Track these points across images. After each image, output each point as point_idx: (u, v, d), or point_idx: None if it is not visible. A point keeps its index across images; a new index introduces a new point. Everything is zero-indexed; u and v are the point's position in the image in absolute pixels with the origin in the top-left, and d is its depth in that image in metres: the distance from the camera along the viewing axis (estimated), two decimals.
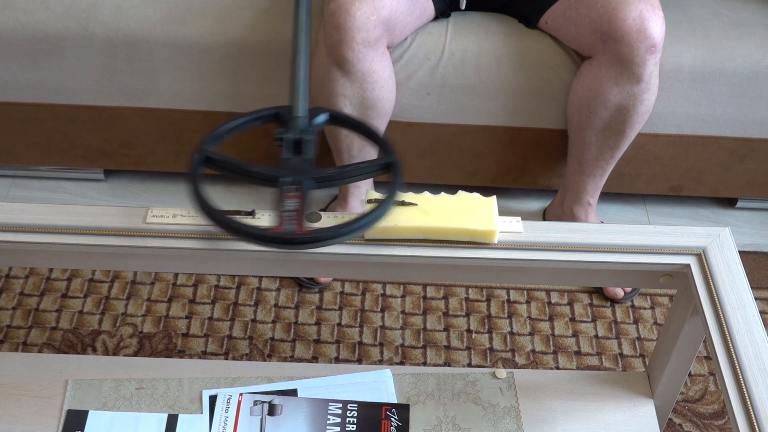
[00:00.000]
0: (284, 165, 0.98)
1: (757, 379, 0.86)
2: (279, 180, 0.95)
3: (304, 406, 1.10)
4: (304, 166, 0.97)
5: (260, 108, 1.06)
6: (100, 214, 1.00)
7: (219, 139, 1.01)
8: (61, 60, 1.51)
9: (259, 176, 0.98)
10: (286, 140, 0.99)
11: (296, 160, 0.99)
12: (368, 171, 1.00)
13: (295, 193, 0.94)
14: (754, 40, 1.47)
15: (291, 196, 0.94)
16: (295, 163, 0.98)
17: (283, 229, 0.90)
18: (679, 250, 1.00)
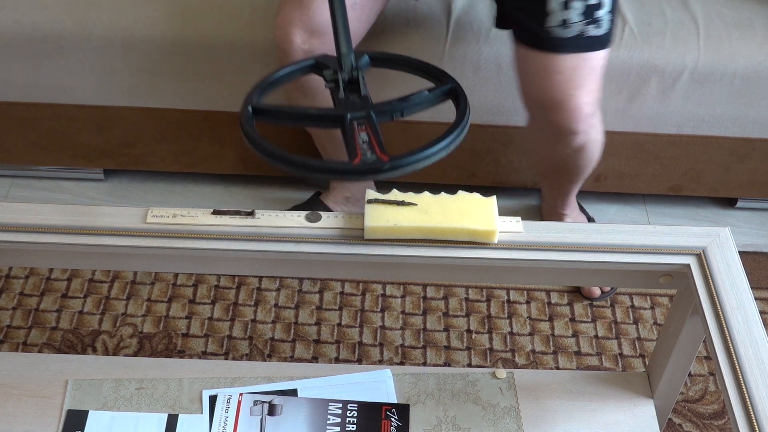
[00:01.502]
0: (344, 104, 0.94)
1: (757, 379, 0.86)
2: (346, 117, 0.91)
3: (304, 406, 1.10)
4: (365, 102, 0.94)
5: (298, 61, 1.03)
6: (100, 214, 1.00)
7: (265, 91, 0.98)
8: (60, 60, 1.51)
9: (324, 118, 0.94)
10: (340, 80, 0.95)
11: (354, 97, 0.95)
12: (431, 100, 0.96)
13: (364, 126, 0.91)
14: (756, 40, 1.47)
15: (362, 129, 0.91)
16: (354, 101, 0.95)
17: (363, 159, 0.87)
18: (679, 250, 1.00)
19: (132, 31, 1.47)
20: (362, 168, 0.86)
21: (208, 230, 0.98)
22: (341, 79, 0.96)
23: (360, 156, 0.86)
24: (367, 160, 0.87)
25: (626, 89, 1.50)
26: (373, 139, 0.89)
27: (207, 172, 1.74)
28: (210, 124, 1.62)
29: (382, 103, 0.93)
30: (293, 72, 1.01)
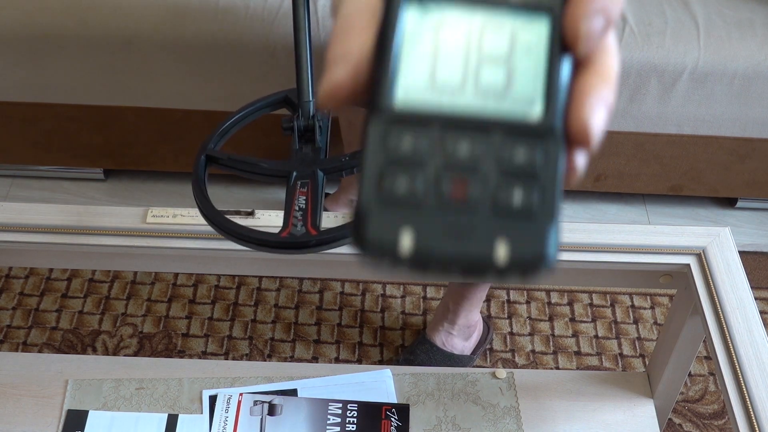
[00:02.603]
0: (294, 157, 0.94)
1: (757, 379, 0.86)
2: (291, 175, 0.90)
3: (304, 406, 1.10)
4: (315, 157, 0.94)
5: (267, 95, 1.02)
6: (100, 214, 1.00)
7: (225, 134, 0.98)
8: (60, 59, 1.51)
9: (268, 172, 0.94)
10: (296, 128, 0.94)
11: (307, 149, 0.95)
12: None
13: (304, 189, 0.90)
14: (756, 40, 1.47)
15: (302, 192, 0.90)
16: (306, 154, 0.94)
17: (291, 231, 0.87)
18: (679, 250, 1.00)
19: (132, 31, 1.47)
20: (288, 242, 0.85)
21: (208, 230, 0.98)
22: (296, 126, 0.95)
23: (290, 227, 0.86)
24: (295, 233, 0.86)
25: (626, 89, 1.50)
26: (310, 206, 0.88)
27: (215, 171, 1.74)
28: (210, 124, 1.62)
29: (332, 159, 0.91)
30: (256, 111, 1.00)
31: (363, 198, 0.32)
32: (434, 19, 0.33)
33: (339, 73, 0.32)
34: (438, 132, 0.32)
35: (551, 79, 0.32)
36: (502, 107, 0.32)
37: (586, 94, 0.32)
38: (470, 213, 0.31)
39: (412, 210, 0.32)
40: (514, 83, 0.32)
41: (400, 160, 0.32)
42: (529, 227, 0.31)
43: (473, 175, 0.32)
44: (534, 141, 0.32)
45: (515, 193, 0.31)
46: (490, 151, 0.32)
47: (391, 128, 0.32)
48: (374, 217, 0.31)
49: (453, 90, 0.32)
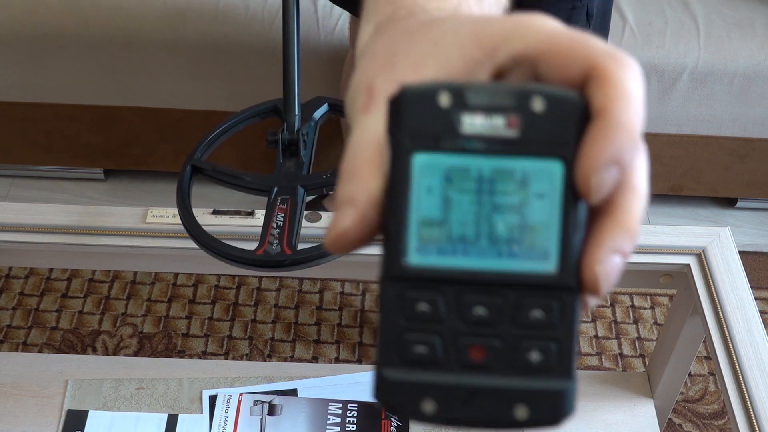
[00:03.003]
0: (277, 171, 0.94)
1: (757, 379, 0.86)
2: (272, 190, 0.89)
3: (304, 406, 1.10)
4: (297, 172, 0.93)
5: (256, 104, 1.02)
6: (100, 214, 1.00)
7: (212, 144, 0.98)
8: (60, 59, 1.51)
9: (250, 186, 0.93)
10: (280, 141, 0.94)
11: (290, 163, 0.95)
12: None
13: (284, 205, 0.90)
14: (757, 40, 1.47)
15: (281, 209, 0.90)
16: (289, 168, 0.94)
17: (267, 250, 0.86)
18: (679, 250, 1.00)
19: (132, 31, 1.47)
20: (261, 260, 0.85)
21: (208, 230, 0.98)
22: (281, 140, 0.94)
23: (266, 245, 0.86)
24: (270, 251, 0.85)
25: None
26: (287, 224, 0.88)
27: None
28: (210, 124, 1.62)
29: (314, 176, 0.91)
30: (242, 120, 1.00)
31: (381, 362, 0.32)
32: (444, 169, 0.31)
33: (346, 221, 0.32)
34: (453, 292, 0.32)
35: (565, 229, 0.31)
36: (516, 262, 0.31)
37: (599, 245, 0.31)
38: (489, 375, 0.31)
39: (432, 375, 0.31)
40: (527, 236, 0.31)
41: (417, 324, 0.32)
42: (547, 388, 0.31)
43: (491, 336, 0.31)
44: (549, 296, 0.31)
45: (532, 354, 0.31)
46: (506, 309, 0.31)
47: (407, 289, 0.32)
48: (395, 385, 0.31)
49: (467, 245, 0.31)
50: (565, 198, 0.31)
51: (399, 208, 0.31)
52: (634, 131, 0.30)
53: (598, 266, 0.31)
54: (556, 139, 0.31)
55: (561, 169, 0.31)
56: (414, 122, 0.31)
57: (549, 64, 0.32)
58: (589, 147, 0.30)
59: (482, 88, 0.31)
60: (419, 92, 0.31)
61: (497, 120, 0.31)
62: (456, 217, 0.31)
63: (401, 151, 0.31)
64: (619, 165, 0.30)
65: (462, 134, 0.31)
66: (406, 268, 0.32)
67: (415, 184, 0.31)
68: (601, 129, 0.30)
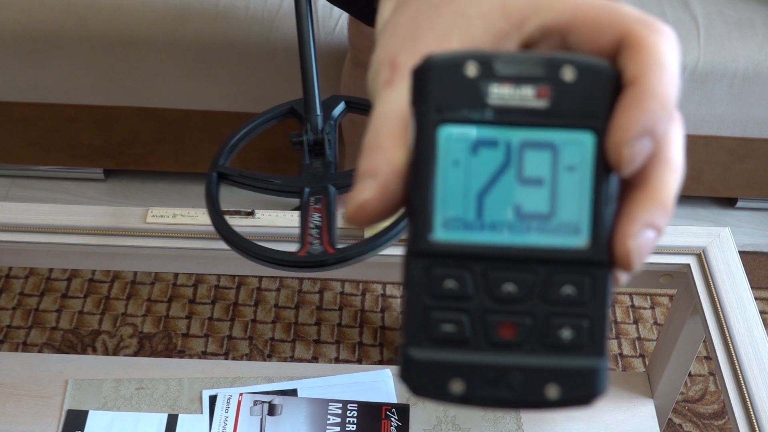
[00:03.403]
0: (305, 172, 0.93)
1: (757, 379, 0.86)
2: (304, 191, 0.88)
3: (304, 406, 1.10)
4: (326, 171, 0.91)
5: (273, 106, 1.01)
6: (100, 214, 1.00)
7: (233, 150, 0.97)
8: (60, 59, 1.51)
9: (280, 188, 0.92)
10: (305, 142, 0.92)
11: (317, 163, 0.94)
12: None
13: (318, 205, 0.89)
14: (757, 40, 1.47)
15: (316, 209, 0.89)
16: (317, 169, 0.93)
17: (309, 250, 0.86)
18: (679, 250, 1.00)
19: (132, 31, 1.47)
20: (307, 261, 0.84)
21: (208, 230, 0.98)
22: (306, 141, 0.93)
23: (307, 246, 0.85)
24: (313, 252, 0.84)
25: None
26: (326, 222, 0.87)
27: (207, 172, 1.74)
28: (210, 124, 1.62)
29: (344, 174, 0.90)
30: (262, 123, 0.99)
31: (407, 342, 0.31)
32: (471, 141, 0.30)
33: (367, 193, 0.31)
34: (482, 268, 0.31)
35: (596, 203, 0.30)
36: (546, 237, 0.30)
37: (632, 219, 0.30)
38: (519, 353, 0.30)
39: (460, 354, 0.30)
40: (557, 209, 0.30)
41: (444, 302, 0.31)
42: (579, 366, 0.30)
43: (520, 313, 0.30)
44: (581, 272, 0.30)
45: (564, 331, 0.30)
46: (536, 285, 0.30)
47: (433, 266, 0.31)
48: (421, 365, 0.31)
49: (495, 219, 0.30)
50: (597, 171, 0.30)
51: (424, 182, 0.30)
52: (668, 101, 0.29)
53: (631, 241, 0.30)
54: (587, 109, 0.30)
55: (592, 140, 0.30)
56: (439, 93, 0.30)
57: (579, 33, 0.31)
58: (620, 117, 0.29)
59: (510, 58, 0.30)
60: (445, 62, 0.30)
61: (526, 90, 0.30)
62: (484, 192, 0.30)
63: (426, 123, 0.30)
64: (653, 136, 0.29)
65: (490, 105, 0.30)
66: (431, 244, 0.31)
67: (440, 157, 0.30)
68: (633, 98, 0.29)
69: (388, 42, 0.34)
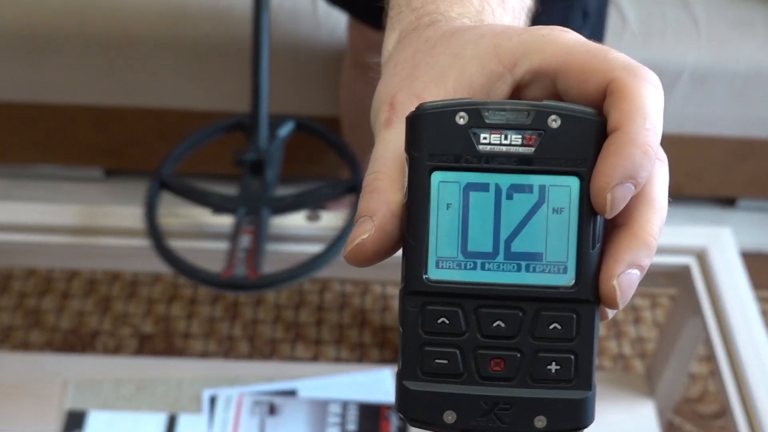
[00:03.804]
0: (243, 191, 0.93)
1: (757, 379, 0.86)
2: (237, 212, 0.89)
3: (304, 406, 1.10)
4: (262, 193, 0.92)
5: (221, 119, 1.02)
6: (100, 214, 1.00)
7: (177, 160, 0.98)
8: (60, 59, 1.51)
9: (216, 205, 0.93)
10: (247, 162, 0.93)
11: (256, 184, 0.94)
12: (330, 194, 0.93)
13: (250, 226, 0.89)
14: (757, 40, 1.47)
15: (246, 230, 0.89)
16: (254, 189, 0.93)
17: (233, 273, 0.86)
18: (679, 250, 1.00)
19: (132, 31, 1.47)
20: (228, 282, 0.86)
21: (208, 230, 0.98)
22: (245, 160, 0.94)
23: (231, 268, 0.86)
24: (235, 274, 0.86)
25: None
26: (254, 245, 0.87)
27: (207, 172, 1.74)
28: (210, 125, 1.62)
29: (279, 198, 0.90)
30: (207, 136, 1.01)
31: (403, 374, 0.33)
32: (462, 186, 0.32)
33: (365, 233, 0.32)
34: (473, 306, 0.32)
35: (582, 244, 0.32)
36: (534, 276, 0.32)
37: (616, 259, 0.31)
38: (509, 386, 0.32)
39: (453, 387, 0.32)
40: (545, 250, 0.32)
41: (437, 337, 0.32)
42: (567, 399, 0.32)
43: (510, 349, 0.32)
44: (568, 310, 0.32)
45: (552, 366, 0.32)
46: (525, 322, 0.32)
47: (427, 304, 0.32)
48: (416, 397, 0.32)
49: (485, 259, 0.32)
50: (582, 213, 0.31)
51: (418, 224, 0.32)
52: (648, 147, 0.30)
53: (615, 280, 0.31)
54: (572, 156, 0.31)
55: (578, 185, 0.31)
56: (432, 140, 0.32)
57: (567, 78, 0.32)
58: (602, 163, 0.30)
59: (499, 107, 0.32)
60: (437, 111, 0.32)
61: (514, 138, 0.31)
62: (475, 233, 0.32)
63: (420, 168, 0.32)
64: (635, 181, 0.30)
65: (480, 152, 0.32)
66: (425, 282, 0.32)
67: (434, 201, 0.32)
68: (615, 145, 0.30)
69: (389, 81, 0.35)
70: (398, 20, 0.38)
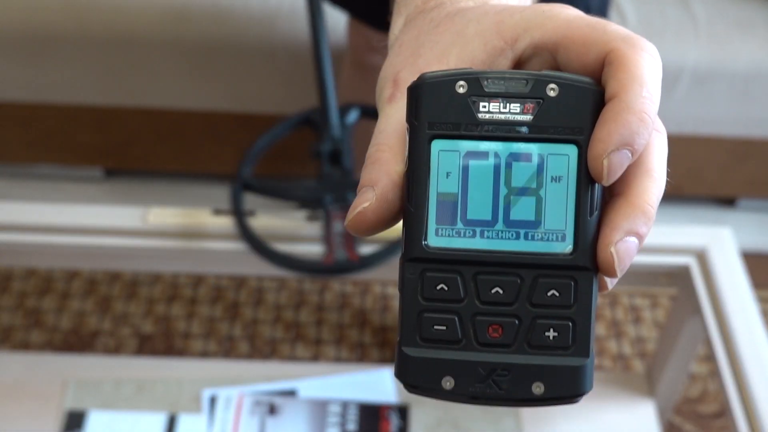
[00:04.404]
0: (325, 181, 0.95)
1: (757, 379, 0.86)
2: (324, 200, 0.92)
3: (304, 406, 1.10)
4: (345, 178, 0.94)
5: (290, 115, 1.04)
6: (100, 214, 1.00)
7: (254, 160, 1.01)
8: (60, 59, 1.51)
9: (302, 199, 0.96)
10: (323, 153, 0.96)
11: (337, 172, 0.96)
12: None
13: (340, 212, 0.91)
14: (757, 40, 1.47)
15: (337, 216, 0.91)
16: (336, 177, 0.95)
17: (334, 257, 0.88)
18: (679, 250, 1.00)
19: (132, 31, 1.47)
20: (334, 268, 0.88)
21: (208, 230, 0.98)
22: (323, 151, 0.96)
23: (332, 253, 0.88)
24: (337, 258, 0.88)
25: None
26: None
27: (207, 172, 1.74)
28: (210, 124, 1.62)
29: None
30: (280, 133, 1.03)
31: (403, 341, 0.33)
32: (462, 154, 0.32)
33: (366, 202, 0.33)
34: (472, 273, 0.32)
35: (580, 211, 0.32)
36: (532, 243, 0.32)
37: (614, 227, 0.31)
38: (507, 353, 0.32)
39: (451, 353, 0.32)
40: (543, 218, 0.32)
41: (436, 304, 0.33)
42: (564, 366, 0.32)
43: (508, 315, 0.32)
44: (566, 277, 0.32)
45: (550, 332, 0.32)
46: (523, 290, 0.32)
47: (426, 271, 0.33)
48: (415, 363, 0.33)
49: (484, 227, 0.32)
50: (580, 181, 0.32)
51: (419, 192, 0.32)
52: (644, 115, 0.30)
53: (613, 248, 0.31)
54: (570, 124, 0.31)
55: (576, 153, 0.32)
56: (432, 109, 0.32)
57: (567, 51, 0.33)
58: (600, 130, 0.31)
59: (498, 76, 0.32)
60: (437, 80, 0.32)
61: (513, 106, 0.32)
62: (474, 201, 0.32)
63: (420, 136, 0.32)
64: (631, 148, 0.30)
65: (479, 120, 0.32)
66: (425, 249, 0.33)
67: (434, 169, 0.32)
68: (611, 113, 0.31)
69: (394, 60, 0.36)
70: (404, 5, 0.39)
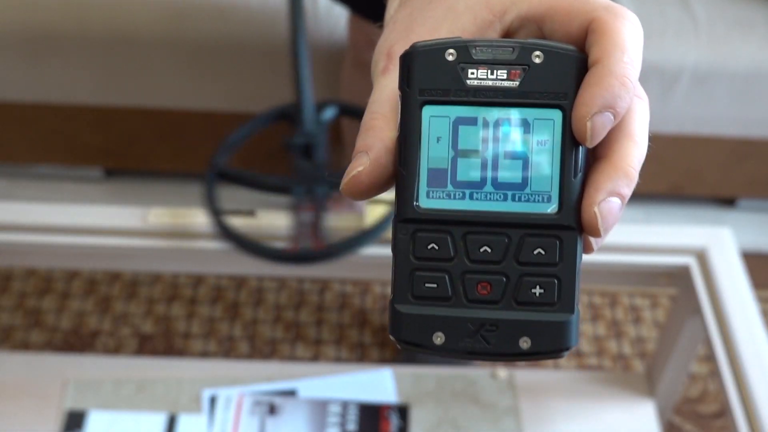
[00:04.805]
0: (297, 172, 0.97)
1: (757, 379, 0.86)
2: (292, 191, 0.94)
3: (304, 406, 1.10)
4: (316, 172, 0.96)
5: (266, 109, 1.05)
6: (100, 214, 1.00)
7: (229, 150, 1.02)
8: (60, 59, 1.51)
9: (273, 188, 0.97)
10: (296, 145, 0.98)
11: (308, 165, 0.98)
12: None
13: (309, 203, 0.93)
14: (757, 40, 1.47)
15: (305, 207, 0.93)
16: (308, 170, 0.97)
17: (299, 246, 0.89)
18: (679, 250, 1.00)
19: (132, 31, 1.47)
20: (296, 256, 0.90)
21: (208, 230, 0.98)
22: (295, 143, 0.98)
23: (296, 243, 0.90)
24: (303, 247, 0.90)
25: None
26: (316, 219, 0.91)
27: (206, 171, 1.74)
28: (210, 124, 1.62)
29: (333, 174, 0.93)
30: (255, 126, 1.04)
31: (395, 299, 0.34)
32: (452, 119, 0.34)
33: (359, 169, 0.34)
34: (461, 232, 0.34)
35: (565, 173, 0.33)
36: (519, 204, 0.34)
37: (597, 188, 0.33)
38: (495, 309, 0.34)
39: (442, 309, 0.34)
40: (530, 180, 0.33)
41: (427, 263, 0.34)
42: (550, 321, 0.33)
43: (496, 273, 0.34)
44: (551, 236, 0.33)
45: (536, 289, 0.34)
46: (510, 248, 0.34)
47: (418, 231, 0.34)
48: (407, 319, 0.34)
49: (473, 190, 0.34)
50: (565, 144, 0.33)
51: (410, 156, 0.34)
52: (626, 79, 0.32)
53: (596, 207, 0.32)
54: (555, 89, 0.33)
55: (560, 117, 0.33)
56: (423, 76, 0.34)
57: (552, 21, 0.34)
58: (583, 93, 0.32)
59: (486, 44, 0.34)
60: (428, 48, 0.34)
61: (500, 72, 0.33)
62: (463, 164, 0.34)
63: (412, 103, 0.34)
64: (613, 110, 0.32)
65: (468, 86, 0.33)
66: (416, 210, 0.34)
67: (425, 134, 0.34)
68: (594, 77, 0.32)
69: (388, 36, 0.38)
70: None
